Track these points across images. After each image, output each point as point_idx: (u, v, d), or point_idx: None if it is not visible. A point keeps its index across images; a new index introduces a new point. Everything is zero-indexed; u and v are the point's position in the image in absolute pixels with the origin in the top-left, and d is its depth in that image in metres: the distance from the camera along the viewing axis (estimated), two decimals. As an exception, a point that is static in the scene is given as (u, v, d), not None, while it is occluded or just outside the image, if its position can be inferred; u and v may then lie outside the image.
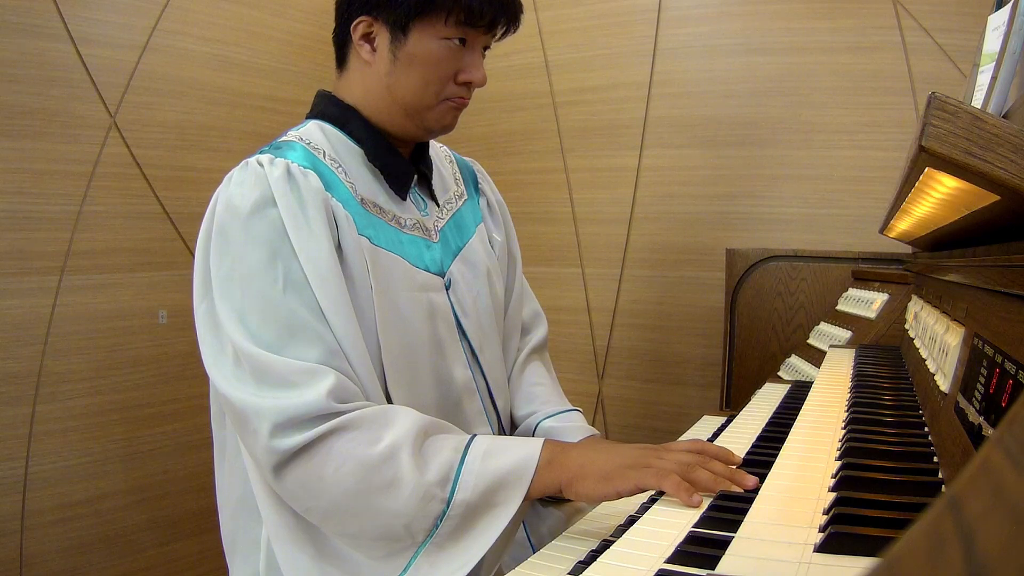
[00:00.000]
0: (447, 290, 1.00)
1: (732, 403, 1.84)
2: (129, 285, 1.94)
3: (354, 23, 0.93)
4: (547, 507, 1.04)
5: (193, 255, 0.90)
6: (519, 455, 0.79)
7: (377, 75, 0.94)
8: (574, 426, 1.08)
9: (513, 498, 0.78)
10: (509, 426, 1.12)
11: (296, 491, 0.80)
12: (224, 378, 0.82)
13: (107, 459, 1.89)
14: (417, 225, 1.00)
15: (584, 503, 0.92)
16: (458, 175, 1.14)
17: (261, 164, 0.87)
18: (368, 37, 0.93)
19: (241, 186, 0.86)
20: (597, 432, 1.10)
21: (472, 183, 1.16)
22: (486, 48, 0.97)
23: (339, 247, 0.87)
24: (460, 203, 1.10)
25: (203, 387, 0.92)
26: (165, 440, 2.01)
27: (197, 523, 2.04)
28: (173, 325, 2.00)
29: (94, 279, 1.87)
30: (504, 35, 0.96)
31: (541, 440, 0.81)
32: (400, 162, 0.99)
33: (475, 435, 0.83)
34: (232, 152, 2.09)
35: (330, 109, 0.97)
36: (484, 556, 0.77)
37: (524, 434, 1.10)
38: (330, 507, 0.79)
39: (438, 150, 1.14)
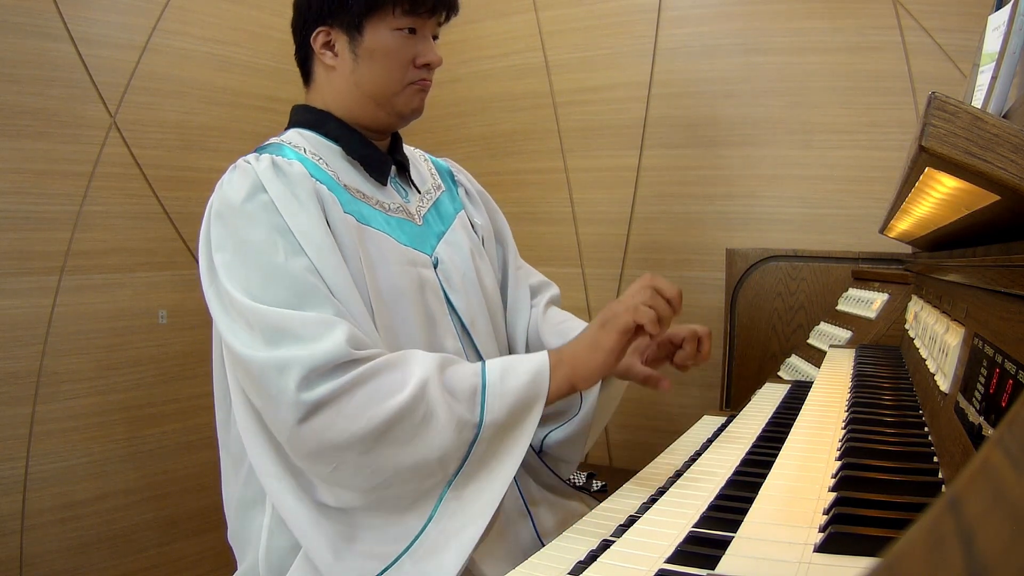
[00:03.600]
0: (435, 268, 1.05)
1: (732, 403, 1.84)
2: (129, 285, 1.94)
3: (313, 36, 1.01)
4: (567, 498, 1.10)
5: (193, 255, 0.93)
6: (532, 368, 0.85)
7: (343, 76, 1.01)
8: None
9: (535, 409, 0.83)
10: None
11: (324, 445, 0.80)
12: (242, 343, 0.83)
13: (107, 459, 1.89)
14: (400, 209, 1.05)
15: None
16: (434, 171, 1.20)
17: (248, 162, 0.93)
18: (328, 45, 1.01)
19: (231, 183, 0.91)
20: None
21: (449, 177, 1.22)
22: (435, 36, 1.05)
23: (328, 225, 0.92)
24: (439, 194, 1.16)
25: (203, 387, 0.93)
26: (165, 440, 2.01)
27: (198, 523, 2.04)
28: (173, 325, 2.00)
29: (94, 279, 1.87)
30: (447, 19, 1.05)
31: (544, 352, 0.87)
32: (377, 152, 1.05)
33: (484, 360, 0.87)
34: (232, 152, 2.07)
35: (305, 116, 1.05)
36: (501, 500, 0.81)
37: None
38: (362, 455, 0.80)
39: (414, 151, 1.20)
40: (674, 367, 1.05)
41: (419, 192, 1.11)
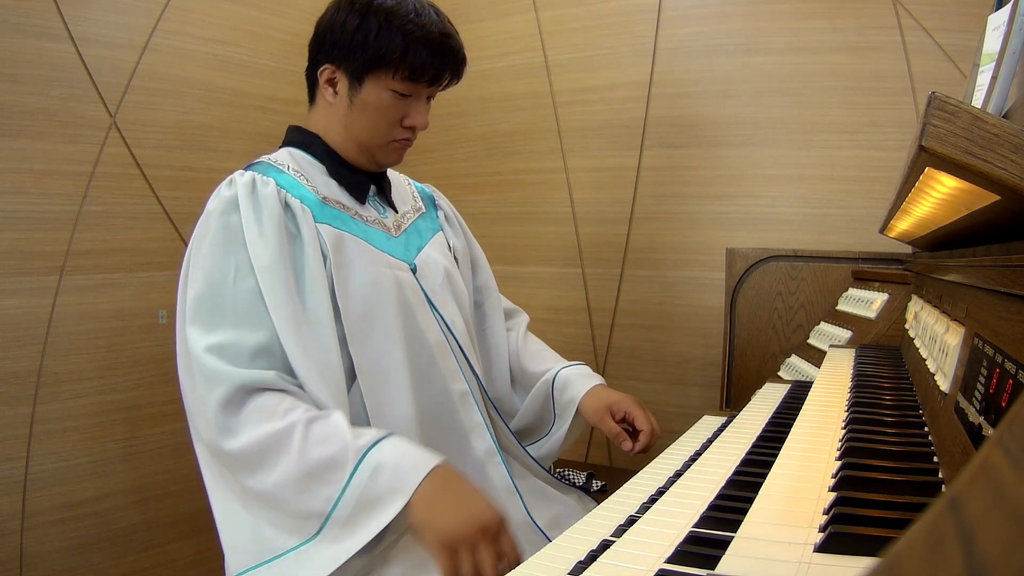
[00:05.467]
0: (414, 273, 1.11)
1: (732, 403, 1.84)
2: (129, 285, 1.94)
3: (320, 69, 1.08)
4: (564, 492, 1.18)
5: None
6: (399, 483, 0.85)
7: (338, 115, 1.09)
8: (586, 372, 1.28)
9: (384, 515, 0.84)
10: (487, 381, 1.24)
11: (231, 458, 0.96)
12: (182, 346, 1.02)
13: (107, 459, 1.89)
14: (377, 222, 1.12)
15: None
16: (416, 195, 1.27)
17: (233, 180, 1.02)
18: (332, 82, 1.08)
19: (217, 197, 1.01)
20: (602, 379, 1.27)
21: (430, 202, 1.29)
22: (431, 97, 1.11)
23: (299, 234, 0.99)
24: (417, 215, 1.23)
25: (203, 387, 0.94)
26: (165, 440, 2.01)
27: (197, 523, 2.04)
28: (173, 325, 2.00)
29: (94, 279, 1.87)
30: (448, 86, 1.11)
31: (432, 466, 0.86)
32: (357, 175, 1.12)
33: (379, 442, 0.88)
34: (232, 152, 2.09)
35: (297, 137, 1.13)
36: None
37: (545, 384, 1.27)
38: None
39: (398, 176, 1.27)
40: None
41: (396, 212, 1.18)
